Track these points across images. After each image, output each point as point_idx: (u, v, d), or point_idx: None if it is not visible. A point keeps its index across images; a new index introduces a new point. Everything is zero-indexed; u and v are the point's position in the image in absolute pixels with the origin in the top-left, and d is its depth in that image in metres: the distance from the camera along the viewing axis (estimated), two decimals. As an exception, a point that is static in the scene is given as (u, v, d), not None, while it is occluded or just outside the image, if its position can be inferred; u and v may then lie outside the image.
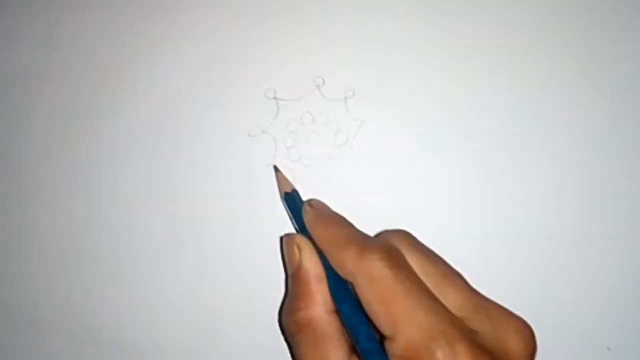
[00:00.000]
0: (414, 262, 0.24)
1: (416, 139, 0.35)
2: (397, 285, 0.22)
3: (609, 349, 0.34)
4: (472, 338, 0.22)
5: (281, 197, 0.33)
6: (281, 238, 0.32)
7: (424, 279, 0.24)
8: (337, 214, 0.28)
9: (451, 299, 0.24)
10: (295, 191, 0.32)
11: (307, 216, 0.28)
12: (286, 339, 0.30)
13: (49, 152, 0.35)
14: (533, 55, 0.35)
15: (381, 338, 0.24)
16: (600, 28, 0.35)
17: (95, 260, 0.35)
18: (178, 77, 0.35)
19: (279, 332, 0.31)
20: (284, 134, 0.35)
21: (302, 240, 0.27)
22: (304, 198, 0.34)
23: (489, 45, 0.35)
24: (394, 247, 0.24)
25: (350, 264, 0.24)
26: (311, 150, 0.35)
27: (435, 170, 0.35)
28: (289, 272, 0.28)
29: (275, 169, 0.34)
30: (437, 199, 0.35)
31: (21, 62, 0.36)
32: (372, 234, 0.32)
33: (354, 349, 0.25)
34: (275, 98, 0.35)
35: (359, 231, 0.27)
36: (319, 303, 0.25)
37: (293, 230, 0.32)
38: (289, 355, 0.30)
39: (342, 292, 0.25)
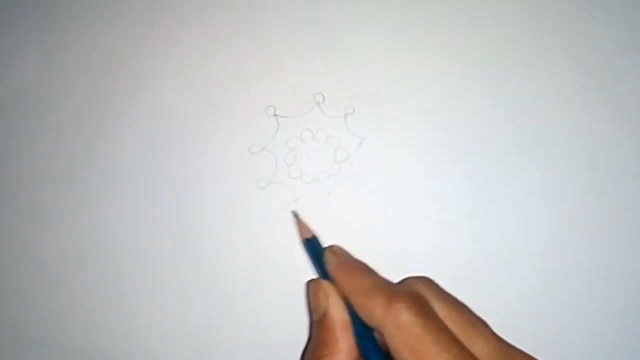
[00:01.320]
0: (440, 309, 0.24)
1: (416, 156, 0.35)
2: (426, 335, 0.22)
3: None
4: None
5: (301, 242, 0.33)
6: (307, 283, 0.32)
7: (450, 326, 0.24)
8: (359, 261, 0.28)
9: (478, 348, 0.24)
10: (315, 237, 0.31)
11: (330, 263, 0.28)
12: None
13: (51, 173, 0.35)
14: (532, 73, 0.35)
15: None
16: (597, 47, 0.35)
17: (98, 279, 0.35)
18: (179, 95, 0.35)
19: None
20: (284, 151, 0.35)
21: (328, 287, 0.27)
22: (306, 216, 0.34)
23: (488, 64, 0.35)
24: (420, 294, 0.24)
25: (378, 313, 0.24)
26: (311, 167, 0.35)
27: (434, 187, 0.35)
28: (314, 318, 0.27)
29: (295, 214, 0.34)
30: (436, 216, 0.35)
31: (22, 82, 0.36)
32: (373, 252, 0.32)
33: None
34: (275, 115, 0.35)
35: (383, 279, 0.26)
36: (344, 351, 0.25)
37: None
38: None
39: (369, 341, 0.25)
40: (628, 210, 0.34)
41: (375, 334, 0.26)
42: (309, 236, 0.32)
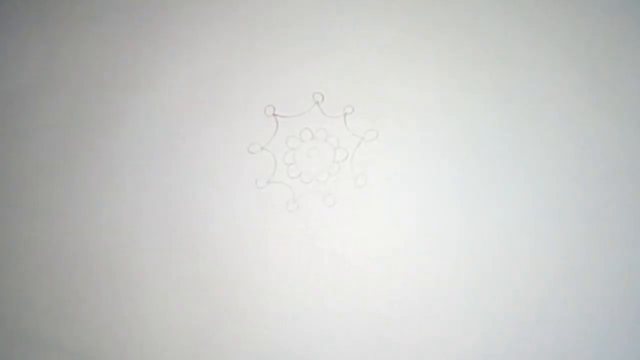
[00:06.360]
0: None
1: (415, 155, 0.35)
2: None
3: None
4: None
5: None
6: None
7: None
8: None
9: None
10: None
11: None
12: None
13: (49, 167, 0.35)
14: (531, 74, 0.34)
15: None
16: (597, 48, 0.34)
17: (97, 277, 0.35)
18: (178, 94, 0.35)
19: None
20: (283, 150, 0.35)
21: None
22: (305, 216, 0.35)
23: (486, 64, 0.34)
24: None
25: None
26: (310, 167, 0.35)
27: (433, 185, 0.34)
28: None
29: None
30: (437, 215, 0.34)
31: (21, 78, 0.36)
32: (372, 250, 0.33)
33: None
34: (274, 114, 0.35)
35: None
36: None
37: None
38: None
39: None
40: (627, 212, 0.34)
41: None
42: None
